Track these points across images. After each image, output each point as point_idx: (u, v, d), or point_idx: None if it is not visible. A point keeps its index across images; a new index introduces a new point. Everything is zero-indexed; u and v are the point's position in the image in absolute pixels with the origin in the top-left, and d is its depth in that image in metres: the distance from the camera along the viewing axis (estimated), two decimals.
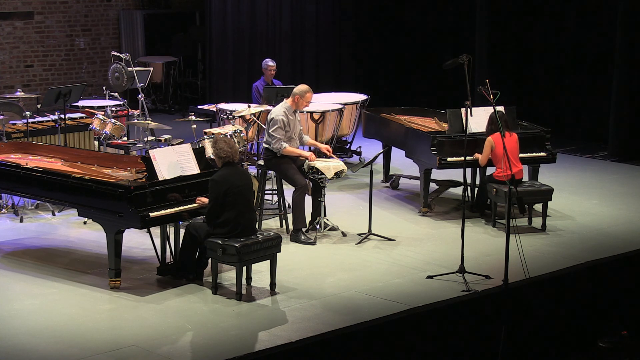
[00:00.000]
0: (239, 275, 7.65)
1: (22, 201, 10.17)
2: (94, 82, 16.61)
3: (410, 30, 16.56)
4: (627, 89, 13.01)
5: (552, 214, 10.09)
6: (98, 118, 10.69)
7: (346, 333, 7.06)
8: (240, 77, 16.06)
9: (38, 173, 8.39)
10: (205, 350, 6.76)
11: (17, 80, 15.82)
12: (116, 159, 8.96)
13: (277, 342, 6.83)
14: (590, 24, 14.02)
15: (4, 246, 9.04)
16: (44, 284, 8.00)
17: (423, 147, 10.15)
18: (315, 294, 7.84)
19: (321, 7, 16.49)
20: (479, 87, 8.45)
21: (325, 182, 9.39)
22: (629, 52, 12.92)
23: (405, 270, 8.44)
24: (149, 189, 7.82)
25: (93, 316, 7.32)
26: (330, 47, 16.68)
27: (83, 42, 16.59)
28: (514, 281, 7.97)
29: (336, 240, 9.33)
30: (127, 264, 8.33)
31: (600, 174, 12.21)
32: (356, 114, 12.43)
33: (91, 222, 9.04)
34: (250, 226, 7.82)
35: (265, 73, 12.60)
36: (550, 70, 14.53)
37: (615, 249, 9.06)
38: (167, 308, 7.50)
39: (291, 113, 9.47)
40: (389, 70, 16.83)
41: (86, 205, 7.98)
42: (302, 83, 9.85)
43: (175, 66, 16.93)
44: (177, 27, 17.51)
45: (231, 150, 7.79)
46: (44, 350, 6.68)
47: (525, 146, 9.98)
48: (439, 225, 9.88)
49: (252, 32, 16.16)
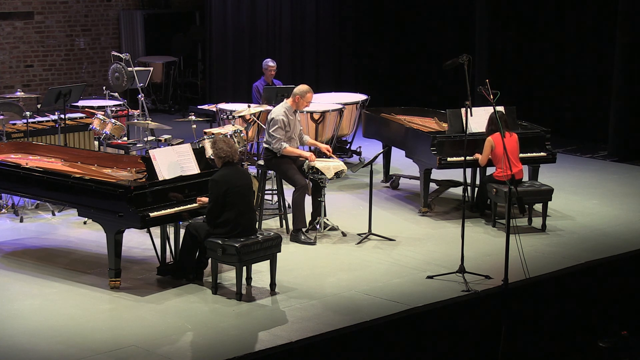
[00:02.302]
0: (239, 275, 7.65)
1: (22, 201, 10.17)
2: (94, 82, 16.60)
3: (410, 30, 16.56)
4: (627, 89, 13.00)
5: (552, 214, 10.09)
6: (98, 118, 10.69)
7: (346, 333, 7.06)
8: (240, 77, 16.06)
9: (38, 173, 8.38)
10: (205, 350, 6.77)
11: (17, 80, 15.82)
12: (116, 159, 8.96)
13: (277, 342, 6.83)
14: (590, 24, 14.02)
15: (4, 246, 9.03)
16: (44, 284, 8.00)
17: (423, 147, 10.14)
18: (315, 294, 7.84)
19: (321, 7, 16.49)
20: (479, 87, 8.45)
21: (325, 182, 9.38)
22: (629, 52, 12.92)
23: (405, 270, 8.44)
24: (149, 189, 7.82)
25: (93, 316, 7.32)
26: (330, 47, 16.67)
27: (83, 42, 16.58)
28: (514, 281, 7.98)
29: (336, 240, 9.32)
30: (127, 264, 8.33)
31: (600, 174, 12.21)
32: (356, 114, 12.43)
33: (91, 222, 9.04)
34: (250, 226, 7.82)
35: (266, 73, 12.60)
36: (550, 70, 14.52)
37: (615, 249, 9.06)
38: (167, 308, 7.50)
39: (291, 113, 9.47)
40: (389, 70, 16.82)
41: (86, 205, 7.98)
42: (302, 83, 9.85)
43: (175, 66, 16.93)
44: (177, 27, 17.50)
45: (230, 150, 7.80)
46: (44, 350, 6.68)
47: (525, 146, 9.98)
48: (439, 225, 9.88)
49: (252, 32, 16.16)
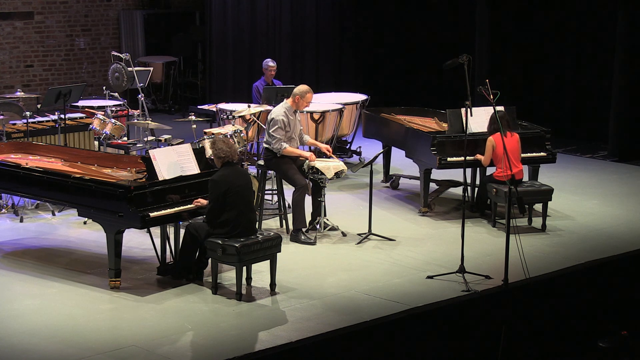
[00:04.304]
0: (239, 275, 7.65)
1: (22, 201, 10.17)
2: (94, 82, 16.60)
3: (411, 30, 16.56)
4: (627, 89, 13.01)
5: (552, 214, 10.09)
6: (98, 118, 10.69)
7: (346, 333, 7.06)
8: (240, 77, 16.06)
9: (38, 173, 8.38)
10: (205, 350, 6.77)
11: (17, 80, 15.82)
12: (116, 159, 8.96)
13: (277, 342, 6.83)
14: (590, 24, 14.02)
15: (4, 246, 9.04)
16: (44, 284, 8.00)
17: (423, 147, 10.15)
18: (315, 294, 7.84)
19: (321, 7, 16.49)
20: (479, 87, 8.45)
21: (325, 182, 9.39)
22: (630, 52, 12.92)
23: (405, 270, 8.44)
24: (149, 189, 7.82)
25: (93, 316, 7.32)
26: (330, 47, 16.67)
27: (83, 42, 16.58)
28: (514, 281, 7.98)
29: (336, 240, 9.32)
30: (127, 264, 8.33)
31: (600, 174, 12.21)
32: (356, 114, 12.43)
33: (91, 222, 9.04)
34: (250, 226, 7.82)
35: (266, 73, 12.60)
36: (550, 70, 14.52)
37: (615, 249, 9.07)
38: (167, 308, 7.50)
39: (291, 113, 9.47)
40: (389, 70, 16.82)
41: (86, 205, 7.98)
42: (302, 83, 9.85)
43: (175, 66, 16.93)
44: (177, 27, 17.50)
45: (230, 150, 7.80)
46: (44, 350, 6.68)
47: (525, 146, 9.98)
48: (439, 225, 9.88)
49: (252, 32, 16.15)
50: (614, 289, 8.79)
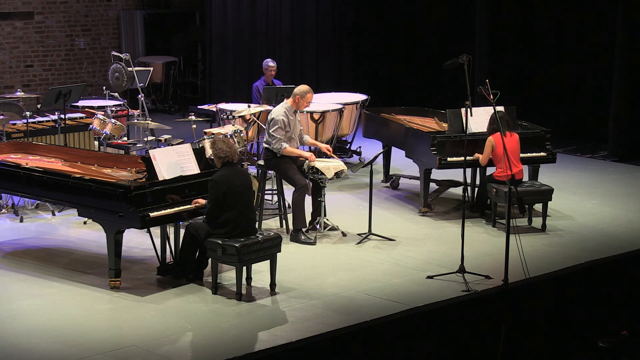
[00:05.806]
0: (239, 275, 7.65)
1: (22, 201, 10.17)
2: (94, 82, 16.61)
3: (411, 30, 16.56)
4: (627, 89, 13.00)
5: (552, 214, 10.09)
6: (98, 118, 10.69)
7: (346, 333, 7.06)
8: (240, 77, 16.06)
9: (38, 173, 8.38)
10: (205, 350, 6.77)
11: (17, 80, 15.82)
12: (116, 159, 8.96)
13: (277, 342, 6.83)
14: (590, 24, 14.02)
15: (4, 246, 9.04)
16: (44, 284, 8.00)
17: (423, 147, 10.14)
18: (315, 294, 7.84)
19: (321, 7, 16.48)
20: (479, 87, 8.45)
21: (325, 182, 9.39)
22: (630, 52, 12.92)
23: (405, 270, 8.44)
24: (149, 189, 7.82)
25: (93, 316, 7.32)
26: (330, 47, 16.67)
27: (83, 42, 16.58)
28: (514, 281, 7.98)
29: (336, 240, 9.32)
30: (127, 264, 8.33)
31: (600, 174, 12.21)
32: (356, 114, 12.43)
33: (91, 222, 9.04)
34: (250, 226, 7.82)
35: (266, 73, 12.60)
36: (550, 70, 14.52)
37: (615, 249, 9.06)
38: (167, 308, 7.50)
39: (291, 113, 9.47)
40: (389, 70, 16.82)
41: (86, 205, 7.98)
42: (302, 83, 9.86)
43: (175, 66, 16.93)
44: (177, 27, 17.51)
45: (230, 150, 7.80)
46: (44, 350, 6.68)
47: (525, 146, 9.98)
48: (439, 225, 9.88)
49: (252, 32, 16.16)
50: (613, 289, 8.78)
